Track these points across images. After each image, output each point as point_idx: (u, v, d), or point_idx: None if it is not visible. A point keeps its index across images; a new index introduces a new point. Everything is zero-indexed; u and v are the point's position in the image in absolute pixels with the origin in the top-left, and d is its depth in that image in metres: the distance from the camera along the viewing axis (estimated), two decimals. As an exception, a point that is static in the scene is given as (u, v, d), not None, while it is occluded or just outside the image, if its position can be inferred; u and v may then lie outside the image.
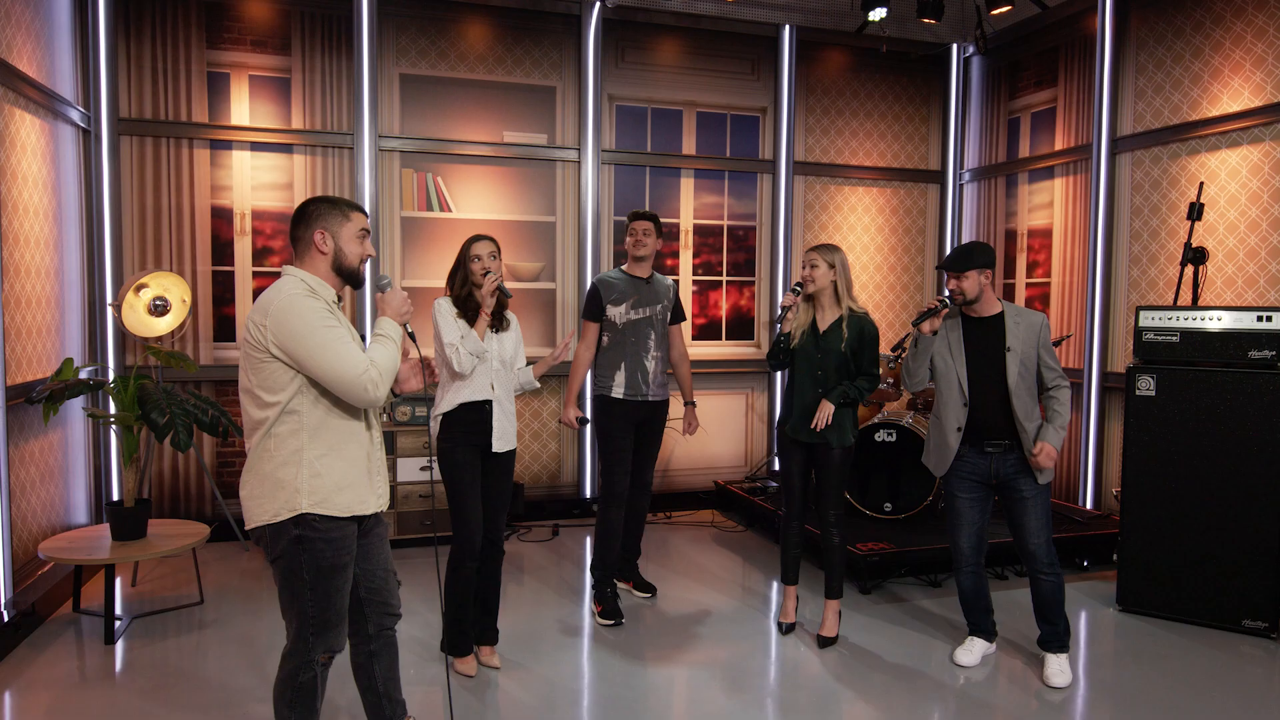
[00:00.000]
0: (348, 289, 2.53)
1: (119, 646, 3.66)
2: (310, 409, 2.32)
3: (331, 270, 2.43)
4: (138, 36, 4.96)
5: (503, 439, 3.40)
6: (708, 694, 3.34)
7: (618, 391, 4.05)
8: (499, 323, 3.42)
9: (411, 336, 2.61)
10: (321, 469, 2.32)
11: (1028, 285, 6.02)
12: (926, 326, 3.41)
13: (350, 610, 2.52)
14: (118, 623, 3.80)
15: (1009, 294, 6.18)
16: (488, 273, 3.34)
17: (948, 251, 6.59)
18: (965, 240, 6.58)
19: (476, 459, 3.37)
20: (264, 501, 2.32)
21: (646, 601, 4.29)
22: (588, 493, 5.84)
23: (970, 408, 3.42)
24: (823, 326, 3.70)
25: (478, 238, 3.40)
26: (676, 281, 4.48)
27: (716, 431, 6.17)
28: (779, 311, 3.72)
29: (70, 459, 4.62)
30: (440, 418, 3.36)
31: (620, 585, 4.35)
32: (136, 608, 4.09)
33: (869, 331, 3.69)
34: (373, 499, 2.45)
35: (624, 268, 4.18)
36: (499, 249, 3.39)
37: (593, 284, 4.16)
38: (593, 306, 4.11)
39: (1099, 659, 3.74)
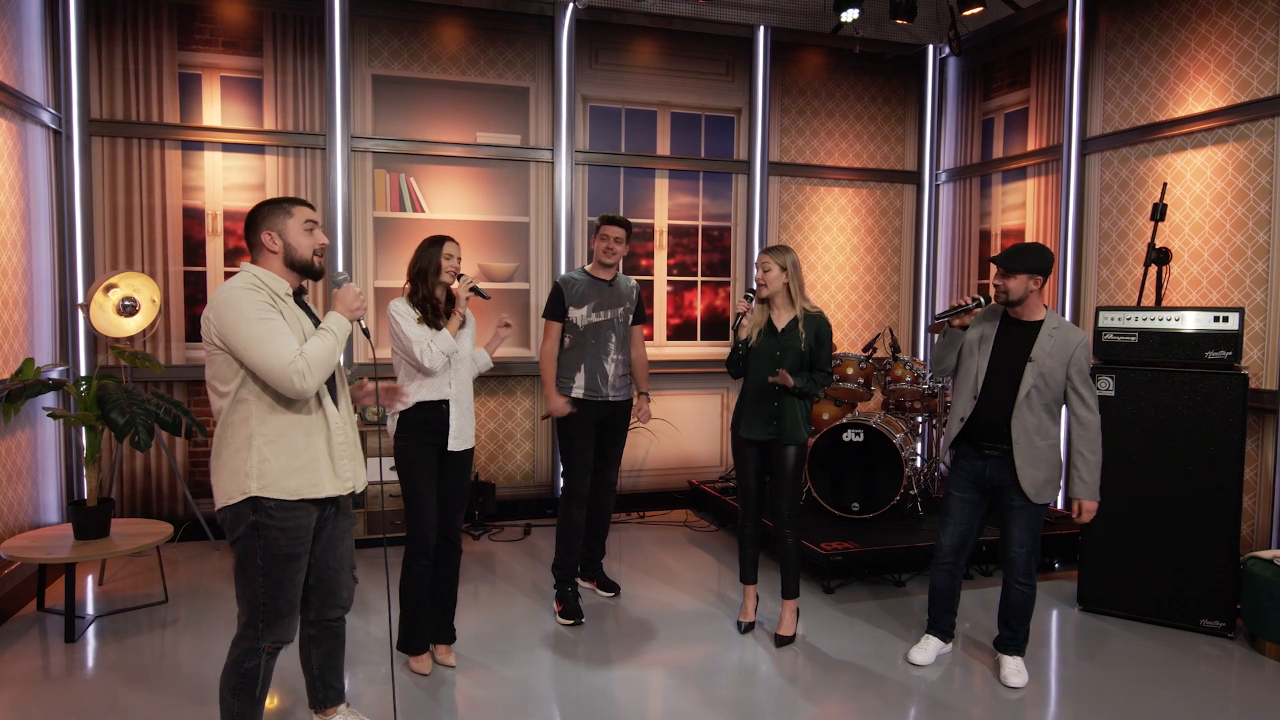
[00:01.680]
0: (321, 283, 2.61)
1: (79, 645, 3.68)
2: (257, 398, 2.41)
3: (285, 266, 2.52)
4: (109, 38, 4.98)
5: (459, 438, 3.42)
6: (657, 694, 3.35)
7: (577, 392, 4.07)
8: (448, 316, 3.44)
9: (366, 333, 2.73)
10: (269, 454, 2.41)
11: (1001, 286, 6.03)
12: (955, 322, 3.39)
13: None
14: (79, 621, 3.82)
15: (983, 295, 6.18)
16: (461, 275, 3.42)
17: (924, 253, 6.61)
18: (941, 241, 6.60)
19: (432, 458, 3.39)
20: (224, 485, 2.43)
21: (610, 601, 4.31)
22: (560, 492, 5.84)
23: (978, 404, 3.40)
24: (780, 326, 3.72)
25: (446, 239, 3.44)
26: (639, 283, 4.46)
27: (691, 432, 6.19)
28: (735, 318, 3.74)
29: (40, 458, 4.63)
30: (398, 416, 3.39)
31: (584, 584, 4.36)
32: (102, 606, 4.11)
33: (825, 330, 3.72)
34: (331, 483, 2.50)
35: (587, 268, 4.18)
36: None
37: (555, 284, 4.19)
38: (555, 306, 4.13)
39: (1057, 658, 3.75)
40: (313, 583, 2.61)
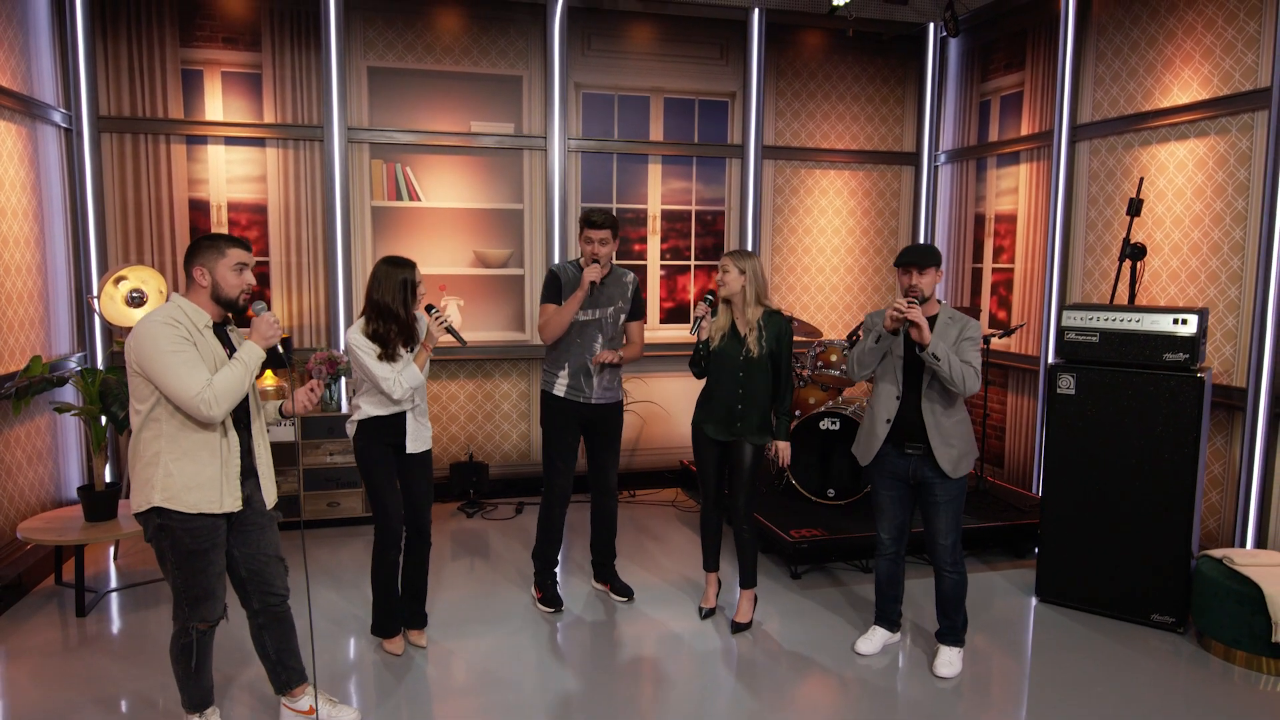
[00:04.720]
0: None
1: (89, 619, 4.01)
2: (168, 419, 2.64)
3: (211, 300, 2.73)
4: (114, 37, 5.19)
5: (416, 441, 3.58)
6: (605, 676, 3.56)
7: (559, 389, 4.04)
8: (414, 341, 3.55)
9: (287, 360, 2.88)
10: (174, 470, 2.65)
11: (993, 271, 6.03)
12: (889, 326, 3.41)
13: (235, 587, 2.92)
14: (89, 595, 4.15)
15: (975, 279, 6.20)
16: (431, 307, 3.49)
17: (922, 235, 6.60)
18: (940, 223, 6.59)
19: (390, 454, 3.56)
20: (137, 494, 2.69)
21: (623, 604, 4.28)
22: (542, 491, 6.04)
23: (900, 404, 3.51)
24: (742, 329, 3.83)
25: (411, 263, 3.47)
26: (638, 278, 4.24)
27: (683, 413, 6.34)
28: (694, 322, 3.83)
29: (61, 441, 4.97)
30: (356, 423, 3.56)
31: (598, 587, 4.43)
32: (113, 581, 4.45)
33: (785, 335, 3.82)
34: (227, 500, 2.74)
35: (580, 262, 4.06)
36: None
37: (551, 270, 4.08)
38: (552, 292, 4.01)
39: (1005, 648, 3.87)
40: (245, 574, 2.90)
